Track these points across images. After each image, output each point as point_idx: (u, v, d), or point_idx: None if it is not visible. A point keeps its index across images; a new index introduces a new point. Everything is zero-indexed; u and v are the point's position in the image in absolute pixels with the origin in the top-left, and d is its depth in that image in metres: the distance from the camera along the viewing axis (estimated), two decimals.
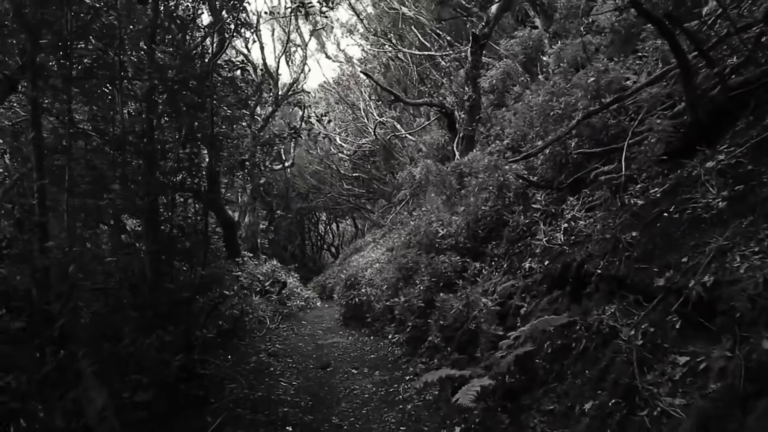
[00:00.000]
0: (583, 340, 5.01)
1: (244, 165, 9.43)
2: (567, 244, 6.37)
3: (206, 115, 7.85)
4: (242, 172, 10.43)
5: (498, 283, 7.51)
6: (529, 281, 6.79)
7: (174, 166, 7.86)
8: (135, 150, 7.62)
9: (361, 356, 9.91)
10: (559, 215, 7.16)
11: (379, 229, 21.94)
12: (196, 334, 7.69)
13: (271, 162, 18.78)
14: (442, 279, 8.73)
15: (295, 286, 17.34)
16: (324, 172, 29.96)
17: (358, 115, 24.47)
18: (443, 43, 16.22)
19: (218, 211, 14.50)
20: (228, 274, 11.21)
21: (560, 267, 6.15)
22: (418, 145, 17.10)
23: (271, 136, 11.37)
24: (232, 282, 11.74)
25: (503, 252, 7.98)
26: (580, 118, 7.36)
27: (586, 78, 7.72)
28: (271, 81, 17.65)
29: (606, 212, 6.05)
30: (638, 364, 4.03)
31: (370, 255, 16.38)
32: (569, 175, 7.59)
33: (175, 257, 8.70)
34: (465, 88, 12.26)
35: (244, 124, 9.55)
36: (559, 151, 7.78)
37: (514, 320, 6.64)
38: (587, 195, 6.97)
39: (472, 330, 7.22)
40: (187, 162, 8.16)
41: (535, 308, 6.34)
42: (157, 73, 7.24)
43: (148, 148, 7.67)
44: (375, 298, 11.27)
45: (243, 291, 12.65)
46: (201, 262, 8.62)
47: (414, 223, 10.95)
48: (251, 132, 9.98)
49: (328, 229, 41.91)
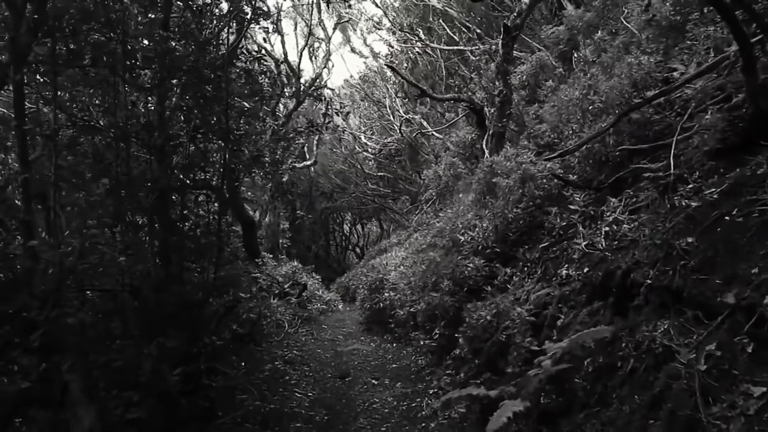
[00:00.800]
0: (630, 359, 4.39)
1: (260, 161, 8.94)
2: (609, 249, 5.75)
3: (220, 108, 7.38)
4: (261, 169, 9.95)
5: (531, 291, 6.91)
6: (566, 290, 6.18)
7: (184, 161, 7.42)
8: (143, 143, 7.20)
9: (383, 365, 9.36)
10: (599, 218, 6.54)
11: (404, 230, 21.39)
12: (204, 341, 7.21)
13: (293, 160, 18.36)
14: (468, 285, 8.15)
15: (316, 288, 16.87)
16: (348, 171, 29.52)
17: (383, 112, 23.96)
18: (473, 36, 15.62)
19: (238, 210, 14.12)
20: (245, 275, 10.78)
21: (602, 275, 5.54)
22: (446, 143, 16.50)
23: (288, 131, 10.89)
24: (249, 284, 11.32)
25: (536, 257, 7.36)
26: (622, 112, 6.76)
27: (628, 70, 7.11)
28: (293, 76, 17.20)
29: (653, 215, 5.45)
30: (702, 394, 3.41)
31: (394, 257, 15.85)
32: (609, 174, 6.98)
33: (185, 258, 8.29)
34: (495, 83, 11.62)
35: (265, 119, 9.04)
36: (599, 148, 7.16)
37: (549, 332, 6.04)
38: (630, 196, 6.35)
39: (502, 341, 6.63)
40: (199, 157, 7.71)
41: (573, 320, 5.74)
42: (169, 61, 6.82)
43: (157, 142, 7.26)
44: (398, 303, 10.72)
45: (261, 293, 12.22)
46: (214, 263, 8.19)
47: (440, 225, 10.36)
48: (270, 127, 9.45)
49: (353, 230, 41.46)
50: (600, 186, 6.96)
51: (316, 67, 20.80)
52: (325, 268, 32.99)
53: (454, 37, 16.24)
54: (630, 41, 8.60)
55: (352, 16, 22.12)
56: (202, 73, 7.31)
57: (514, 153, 9.31)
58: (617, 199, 6.42)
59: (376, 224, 38.88)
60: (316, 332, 12.63)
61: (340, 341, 11.75)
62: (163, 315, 6.64)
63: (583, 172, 7.42)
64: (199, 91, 7.31)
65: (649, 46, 7.89)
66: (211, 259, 8.27)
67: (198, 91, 7.29)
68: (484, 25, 15.76)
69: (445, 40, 17.52)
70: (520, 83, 11.89)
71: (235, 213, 14.09)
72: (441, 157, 16.66)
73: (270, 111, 14.03)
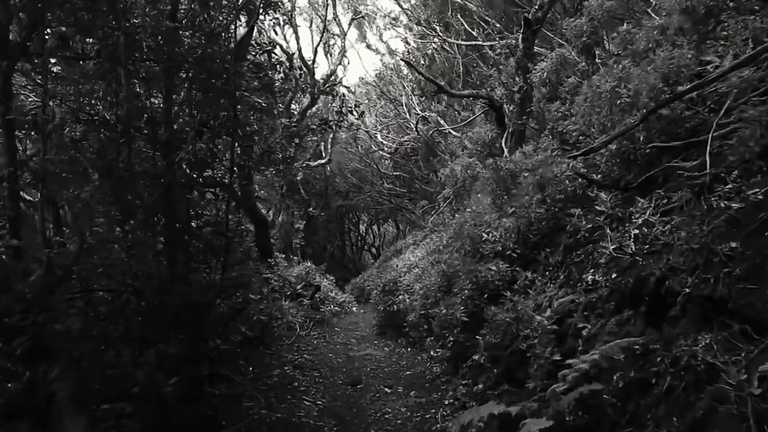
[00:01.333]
0: (667, 376, 3.98)
1: (271, 158, 8.60)
2: (640, 254, 5.32)
3: (229, 101, 7.05)
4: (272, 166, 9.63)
5: (554, 298, 6.49)
6: (592, 297, 5.76)
7: (191, 157, 7.10)
8: (148, 138, 6.92)
9: (396, 372, 8.98)
10: (627, 219, 6.11)
11: (420, 230, 21.00)
12: (209, 345, 6.89)
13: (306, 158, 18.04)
14: (487, 289, 7.75)
15: (330, 289, 16.52)
16: (364, 170, 29.17)
17: (400, 111, 23.58)
18: (492, 32, 15.16)
19: (250, 208, 13.83)
20: (256, 276, 10.47)
21: (632, 281, 5.13)
22: (463, 141, 16.08)
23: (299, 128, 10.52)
24: (260, 285, 11.01)
25: (559, 261, 6.95)
26: (652, 107, 6.32)
27: (660, 62, 6.67)
28: (308, 72, 16.83)
29: (688, 217, 5.04)
30: (756, 421, 3.00)
31: (409, 258, 15.48)
32: (638, 173, 6.54)
33: (192, 258, 7.99)
34: (515, 79, 11.22)
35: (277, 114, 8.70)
36: (626, 146, 6.73)
37: (573, 343, 5.62)
38: (661, 196, 5.91)
39: (522, 350, 6.23)
40: (206, 153, 7.39)
41: (601, 330, 5.32)
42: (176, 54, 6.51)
43: (163, 137, 6.96)
44: (413, 306, 10.33)
45: (273, 294, 11.90)
46: (222, 264, 7.89)
47: (457, 226, 9.94)
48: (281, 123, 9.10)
49: (369, 230, 41.10)
50: (628, 186, 6.54)
51: (331, 63, 20.51)
52: (340, 269, 32.69)
53: (472, 32, 15.80)
54: (660, 33, 8.13)
55: (368, 12, 21.81)
56: (210, 66, 7.00)
57: (535, 151, 8.89)
58: (647, 200, 5.99)
59: (392, 224, 38.47)
60: (329, 335, 12.29)
61: (353, 345, 11.39)
62: (166, 318, 6.34)
63: (610, 171, 6.99)
64: (207, 85, 6.99)
65: (680, 38, 7.42)
66: (219, 259, 7.98)
67: (205, 85, 6.97)
68: (504, 19, 15.29)
69: (463, 37, 17.11)
70: (541, 80, 11.43)
71: (247, 212, 13.81)
72: (458, 156, 16.24)
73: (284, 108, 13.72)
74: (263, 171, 10.59)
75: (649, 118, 6.36)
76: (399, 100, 23.49)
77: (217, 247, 7.79)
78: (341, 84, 19.24)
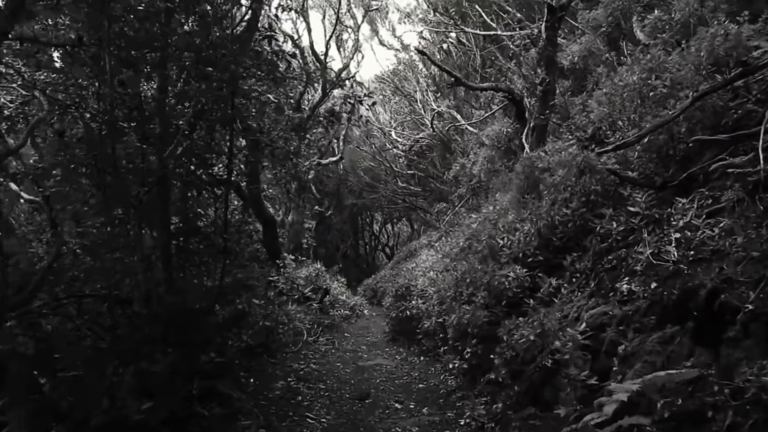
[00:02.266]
0: (728, 410, 3.33)
1: (274, 153, 8.00)
2: (684, 261, 4.66)
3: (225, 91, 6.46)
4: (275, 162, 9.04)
5: (583, 308, 5.83)
6: (628, 309, 5.10)
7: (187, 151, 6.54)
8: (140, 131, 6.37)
9: (408, 385, 8.33)
10: (665, 221, 5.45)
11: (435, 231, 20.36)
12: (204, 358, 6.31)
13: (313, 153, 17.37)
14: (506, 297, 7.11)
15: (340, 292, 15.90)
16: (378, 168, 28.55)
17: (415, 108, 22.95)
18: (511, 22, 14.46)
19: (258, 207, 13.28)
20: (259, 279, 9.90)
21: (677, 293, 4.48)
22: (480, 137, 15.40)
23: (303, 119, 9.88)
24: (265, 288, 10.45)
25: (588, 267, 6.28)
26: (698, 94, 5.66)
27: (701, 45, 6.00)
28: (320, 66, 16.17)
29: (740, 219, 4.41)
30: None
31: (423, 261, 14.87)
32: (677, 169, 5.87)
33: (187, 261, 7.45)
34: (537, 71, 10.52)
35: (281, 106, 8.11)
36: (664, 139, 6.06)
37: (608, 361, 4.97)
38: (705, 196, 5.26)
39: (547, 367, 5.59)
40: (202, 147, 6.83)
41: (640, 348, 4.66)
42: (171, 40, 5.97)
43: (156, 131, 6.41)
44: (427, 313, 9.70)
45: (280, 298, 11.33)
46: (222, 267, 7.34)
47: (474, 227, 9.28)
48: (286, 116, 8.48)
49: (383, 229, 40.49)
50: (665, 184, 5.87)
51: (344, 57, 19.88)
52: (353, 269, 32.20)
53: (491, 23, 15.09)
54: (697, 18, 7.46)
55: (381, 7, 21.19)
56: (207, 53, 6.42)
57: (559, 147, 8.23)
58: (688, 200, 5.33)
59: (407, 224, 37.83)
60: (338, 341, 11.66)
61: (363, 352, 10.76)
62: (155, 329, 5.77)
63: (645, 167, 6.30)
64: (202, 73, 6.41)
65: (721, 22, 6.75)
66: (217, 262, 7.44)
67: (200, 73, 6.40)
68: (524, 9, 14.57)
69: (481, 28, 16.43)
70: (565, 71, 10.73)
71: (255, 211, 13.28)
72: (476, 153, 15.57)
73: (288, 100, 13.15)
74: (269, 168, 9.99)
75: (692, 107, 5.72)
76: (414, 96, 22.90)
77: (216, 248, 7.23)
78: (354, 79, 18.54)
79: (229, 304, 8.01)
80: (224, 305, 7.94)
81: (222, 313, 7.82)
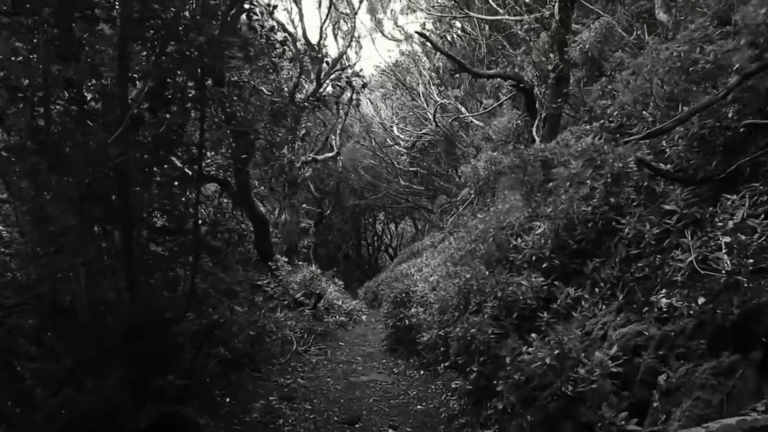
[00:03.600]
0: None
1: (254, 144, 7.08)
2: (740, 271, 3.73)
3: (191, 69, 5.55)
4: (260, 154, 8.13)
5: (610, 325, 4.91)
6: (669, 329, 4.18)
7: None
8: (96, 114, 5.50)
9: (405, 406, 7.38)
10: (708, 222, 4.51)
11: (439, 231, 19.44)
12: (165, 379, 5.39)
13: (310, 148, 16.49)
14: (517, 308, 6.19)
15: (337, 296, 14.94)
16: (379, 166, 27.60)
17: (417, 101, 22.03)
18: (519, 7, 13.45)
19: (248, 206, 12.39)
20: (243, 283, 9.00)
21: (736, 312, 3.56)
22: (486, 132, 14.46)
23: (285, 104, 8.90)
24: (250, 293, 9.56)
25: (614, 275, 5.34)
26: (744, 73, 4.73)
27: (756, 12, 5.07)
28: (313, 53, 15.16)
29: None
30: None
31: (424, 265, 13.94)
32: (722, 161, 4.93)
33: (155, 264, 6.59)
34: (549, 57, 9.61)
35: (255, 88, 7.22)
36: (707, 125, 5.12)
37: (646, 393, 4.06)
38: (760, 192, 4.31)
39: (567, 395, 4.65)
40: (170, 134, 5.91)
41: (688, 380, 3.74)
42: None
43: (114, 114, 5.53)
44: (428, 322, 8.77)
45: (268, 304, 10.43)
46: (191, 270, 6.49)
47: (481, 227, 8.32)
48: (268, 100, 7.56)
49: (386, 229, 39.55)
50: (708, 177, 4.93)
51: (341, 46, 18.87)
52: (355, 270, 31.39)
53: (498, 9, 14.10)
54: None
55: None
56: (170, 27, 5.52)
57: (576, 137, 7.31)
58: (738, 197, 4.39)
59: (411, 224, 36.88)
60: (331, 351, 10.70)
61: (358, 364, 9.80)
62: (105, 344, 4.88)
63: (683, 159, 5.35)
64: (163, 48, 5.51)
65: None
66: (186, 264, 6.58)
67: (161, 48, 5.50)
68: None
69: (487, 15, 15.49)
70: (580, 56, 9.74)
71: (245, 210, 12.39)
72: (481, 149, 14.63)
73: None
74: (259, 162, 9.09)
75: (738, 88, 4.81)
76: (416, 89, 21.98)
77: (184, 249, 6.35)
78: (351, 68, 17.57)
79: (204, 312, 7.12)
80: (201, 313, 7.06)
81: (198, 322, 6.94)
